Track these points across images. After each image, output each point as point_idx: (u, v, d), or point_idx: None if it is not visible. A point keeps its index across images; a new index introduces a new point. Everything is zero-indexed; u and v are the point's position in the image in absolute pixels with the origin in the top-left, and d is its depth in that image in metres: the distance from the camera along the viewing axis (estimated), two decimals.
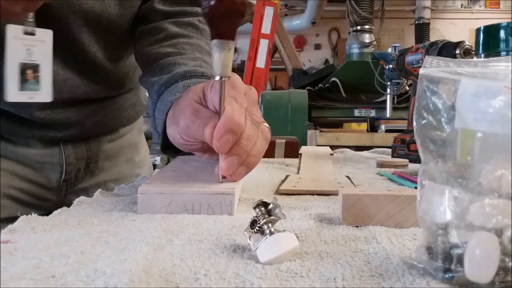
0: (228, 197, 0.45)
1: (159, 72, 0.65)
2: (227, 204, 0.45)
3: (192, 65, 0.64)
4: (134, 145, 0.90)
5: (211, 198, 0.45)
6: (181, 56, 0.67)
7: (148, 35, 0.72)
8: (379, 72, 1.99)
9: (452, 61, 0.30)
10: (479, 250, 0.25)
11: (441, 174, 0.28)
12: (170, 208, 0.45)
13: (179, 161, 0.64)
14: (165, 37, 0.71)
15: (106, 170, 0.83)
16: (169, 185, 0.47)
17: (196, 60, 0.66)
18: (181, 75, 0.62)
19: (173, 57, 0.67)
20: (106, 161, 0.82)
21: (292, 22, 5.74)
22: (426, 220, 0.29)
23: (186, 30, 0.72)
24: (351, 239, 0.37)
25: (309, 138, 2.52)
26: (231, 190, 0.46)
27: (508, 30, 0.90)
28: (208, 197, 0.45)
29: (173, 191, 0.46)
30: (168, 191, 0.46)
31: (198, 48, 0.70)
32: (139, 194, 0.46)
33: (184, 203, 0.45)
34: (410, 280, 0.28)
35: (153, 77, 0.66)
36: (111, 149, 0.84)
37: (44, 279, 0.28)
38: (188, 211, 0.45)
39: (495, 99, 0.27)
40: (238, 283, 0.27)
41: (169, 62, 0.66)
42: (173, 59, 0.66)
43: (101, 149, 0.81)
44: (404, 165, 0.89)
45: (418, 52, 1.07)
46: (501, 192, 0.26)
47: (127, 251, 0.33)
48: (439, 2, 5.91)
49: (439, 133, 0.29)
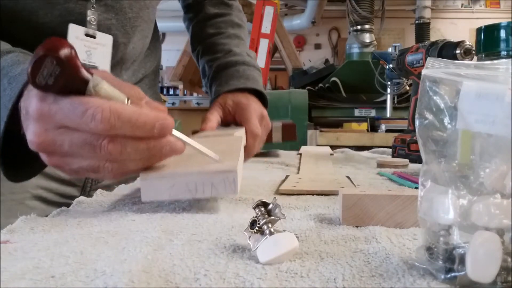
0: (231, 174, 0.44)
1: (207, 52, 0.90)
2: (230, 182, 0.44)
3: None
4: None
5: (213, 177, 0.44)
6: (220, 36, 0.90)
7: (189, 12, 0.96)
8: (379, 72, 1.99)
9: (454, 63, 0.30)
10: (482, 249, 0.25)
11: (444, 174, 0.28)
12: (173, 191, 0.44)
13: None
14: (205, 18, 0.92)
15: None
16: (170, 168, 0.47)
17: (231, 38, 0.90)
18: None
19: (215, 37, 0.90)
20: None
21: (292, 22, 5.74)
22: (427, 220, 0.29)
23: (220, 9, 0.93)
24: (351, 239, 0.37)
25: (309, 138, 2.52)
26: (233, 167, 0.45)
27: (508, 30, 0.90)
28: (211, 176, 0.44)
29: (174, 173, 0.45)
30: (170, 174, 0.45)
31: (231, 23, 0.93)
32: (141, 181, 0.45)
33: (187, 185, 0.44)
34: (411, 281, 0.27)
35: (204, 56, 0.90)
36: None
37: (43, 279, 0.28)
38: (192, 192, 0.44)
39: (497, 101, 0.27)
40: (238, 283, 0.27)
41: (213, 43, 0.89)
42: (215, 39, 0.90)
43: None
44: (404, 165, 0.89)
45: (419, 52, 1.07)
46: (504, 192, 0.26)
47: (127, 251, 0.33)
48: (440, 2, 5.91)
49: (441, 133, 0.29)
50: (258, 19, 3.26)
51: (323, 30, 6.53)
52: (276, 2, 3.28)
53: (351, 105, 2.76)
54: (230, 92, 0.81)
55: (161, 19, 0.90)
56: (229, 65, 0.85)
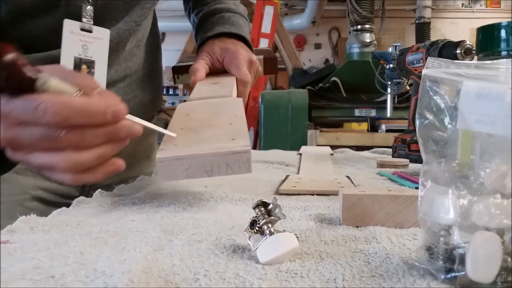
0: (245, 155, 0.46)
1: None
2: (244, 161, 0.46)
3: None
4: (150, 142, 0.91)
5: (228, 158, 0.46)
6: None
7: None
8: (380, 72, 1.99)
9: (455, 63, 0.30)
10: (482, 249, 0.25)
11: (444, 174, 0.28)
12: (189, 171, 0.47)
13: (181, 113, 0.63)
14: None
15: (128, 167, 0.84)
16: (186, 149, 0.48)
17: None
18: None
19: None
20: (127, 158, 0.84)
21: (292, 22, 5.74)
22: (427, 220, 0.29)
23: None
24: (351, 239, 0.37)
25: (309, 138, 2.52)
26: (247, 148, 0.47)
27: (508, 30, 0.90)
28: (226, 157, 0.46)
29: (191, 155, 0.47)
30: (186, 156, 0.47)
31: None
32: (158, 162, 0.47)
33: (203, 166, 0.47)
34: (411, 281, 0.27)
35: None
36: (133, 146, 0.84)
37: (43, 279, 0.28)
38: (208, 172, 0.47)
39: (498, 100, 0.27)
40: (238, 283, 0.27)
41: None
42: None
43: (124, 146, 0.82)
44: (404, 165, 0.89)
45: (419, 52, 1.07)
46: (504, 192, 0.26)
47: (127, 251, 0.33)
48: (440, 2, 5.91)
49: (441, 133, 0.29)
50: (258, 19, 3.26)
51: (323, 30, 6.53)
52: (276, 2, 3.28)
53: (351, 105, 2.76)
54: (217, 39, 0.80)
55: (160, 19, 0.90)
56: (215, 12, 0.85)
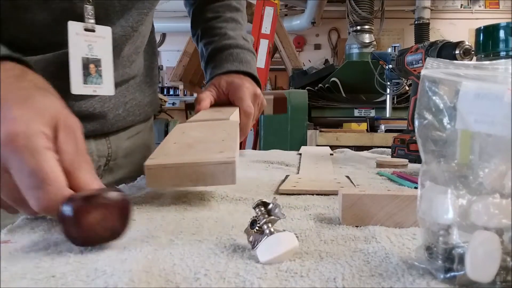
0: (230, 166, 0.47)
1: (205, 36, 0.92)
2: (229, 172, 0.47)
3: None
4: (146, 143, 0.91)
5: (213, 168, 0.47)
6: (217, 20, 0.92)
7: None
8: (379, 72, 1.99)
9: (454, 64, 0.30)
10: (481, 249, 0.25)
11: (443, 174, 0.28)
12: (175, 180, 0.47)
13: (178, 131, 0.64)
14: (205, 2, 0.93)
15: (124, 167, 0.84)
16: (174, 158, 0.49)
17: (228, 21, 0.92)
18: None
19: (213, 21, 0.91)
20: (123, 158, 0.83)
21: (292, 22, 5.74)
22: (426, 220, 0.29)
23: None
24: (351, 239, 0.37)
25: (309, 138, 2.53)
26: (232, 159, 0.47)
27: (507, 30, 0.90)
28: (211, 167, 0.47)
29: (177, 164, 0.48)
30: (172, 164, 0.48)
31: (229, 7, 0.94)
32: (146, 169, 0.47)
33: (189, 175, 0.47)
34: (410, 280, 0.28)
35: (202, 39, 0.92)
36: (129, 147, 0.84)
37: (44, 279, 0.28)
38: (193, 181, 0.47)
39: (497, 101, 0.27)
40: (238, 283, 0.27)
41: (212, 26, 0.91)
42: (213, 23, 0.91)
43: (120, 147, 0.81)
44: (403, 165, 0.89)
45: (418, 52, 1.07)
46: (503, 192, 0.26)
47: (127, 251, 0.33)
48: (439, 2, 5.91)
49: (440, 133, 0.29)
50: (258, 20, 3.25)
51: (323, 31, 6.53)
52: (276, 3, 3.28)
53: (350, 105, 2.77)
54: (224, 74, 0.83)
55: (161, 19, 0.90)
56: (224, 48, 0.87)
